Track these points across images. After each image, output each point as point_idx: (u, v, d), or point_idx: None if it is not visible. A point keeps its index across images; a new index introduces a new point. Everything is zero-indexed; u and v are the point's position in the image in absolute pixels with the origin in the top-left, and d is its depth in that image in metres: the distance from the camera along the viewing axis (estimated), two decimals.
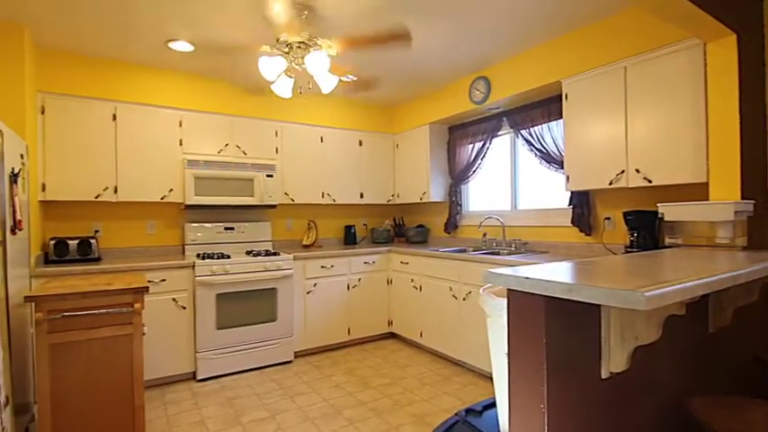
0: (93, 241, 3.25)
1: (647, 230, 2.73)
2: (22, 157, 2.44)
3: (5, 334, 1.80)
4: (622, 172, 2.69)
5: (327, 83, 2.46)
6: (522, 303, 1.24)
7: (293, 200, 4.09)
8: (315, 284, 3.82)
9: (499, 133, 3.86)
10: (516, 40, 3.11)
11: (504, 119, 3.74)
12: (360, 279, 4.08)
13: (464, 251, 3.87)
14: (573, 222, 3.22)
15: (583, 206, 3.16)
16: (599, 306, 1.34)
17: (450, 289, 3.47)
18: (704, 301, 1.79)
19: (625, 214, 2.80)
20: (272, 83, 2.68)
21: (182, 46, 3.06)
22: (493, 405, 1.96)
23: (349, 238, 4.61)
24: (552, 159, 3.32)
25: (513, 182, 3.82)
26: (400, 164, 4.70)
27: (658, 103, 2.49)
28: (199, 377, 3.25)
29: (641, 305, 0.97)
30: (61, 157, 3.12)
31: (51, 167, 3.09)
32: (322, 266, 3.86)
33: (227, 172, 3.65)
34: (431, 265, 3.69)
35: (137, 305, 2.12)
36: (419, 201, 4.39)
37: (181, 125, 3.56)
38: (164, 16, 2.64)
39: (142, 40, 2.97)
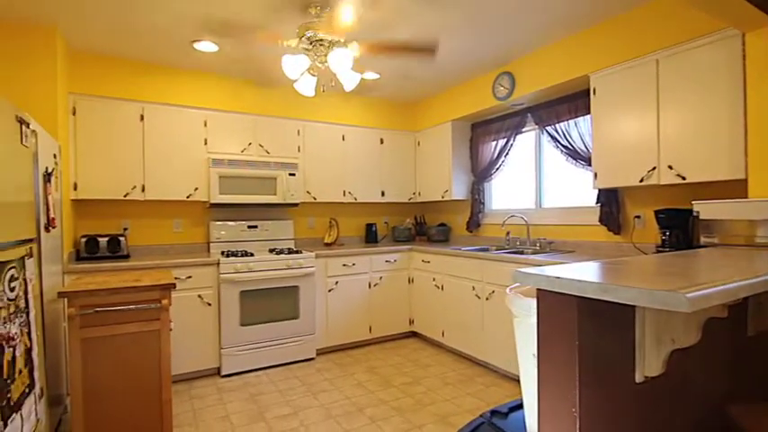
0: (122, 239, 3.34)
1: (679, 229, 2.63)
2: (55, 156, 2.52)
3: (40, 328, 1.86)
4: (654, 169, 2.59)
5: (350, 80, 2.45)
6: (552, 304, 1.21)
7: (315, 198, 4.11)
8: (336, 282, 3.83)
9: (523, 130, 3.78)
10: (541, 34, 3.04)
11: (529, 115, 3.67)
12: (381, 277, 4.07)
13: (487, 250, 3.82)
14: (601, 221, 3.13)
15: (611, 204, 3.07)
16: (633, 307, 1.29)
17: (473, 288, 3.42)
18: (744, 304, 1.71)
19: (656, 212, 2.70)
20: (295, 81, 2.69)
21: (206, 46, 3.10)
22: (519, 407, 1.92)
23: (370, 237, 4.61)
24: (579, 156, 3.23)
25: (538, 179, 3.74)
26: (422, 162, 4.66)
27: (692, 96, 2.39)
28: (223, 373, 3.30)
29: (683, 307, 0.92)
30: (92, 157, 3.21)
31: (82, 167, 3.18)
32: (343, 265, 3.87)
33: (250, 171, 3.70)
34: (453, 264, 3.65)
35: (164, 301, 2.16)
36: (441, 199, 4.35)
37: (206, 125, 3.62)
38: (189, 16, 2.68)
39: (168, 41, 3.03)
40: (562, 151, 3.37)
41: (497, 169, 4.02)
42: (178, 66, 3.52)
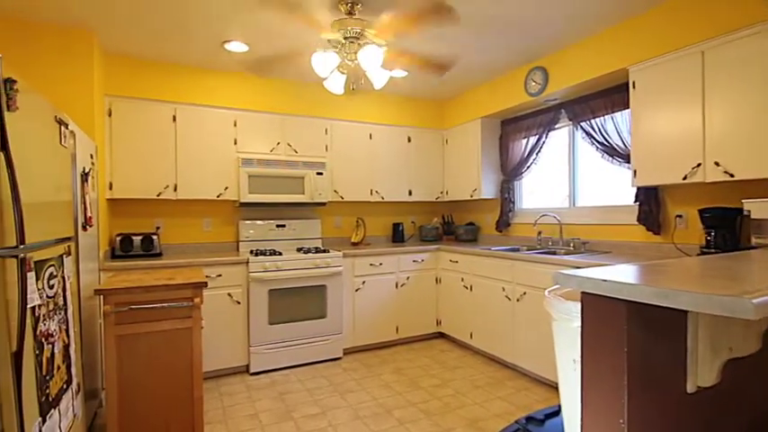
0: (154, 237, 3.42)
1: (726, 229, 2.47)
2: (91, 157, 2.59)
3: (77, 325, 1.91)
4: (698, 165, 2.45)
5: (379, 78, 2.41)
6: (598, 308, 1.14)
7: (342, 197, 4.10)
8: (363, 282, 3.81)
9: (556, 126, 3.66)
10: (576, 27, 2.93)
11: (562, 111, 3.54)
12: (408, 277, 4.02)
13: (517, 250, 3.72)
14: (639, 220, 2.99)
15: (651, 203, 2.92)
16: (685, 313, 1.20)
17: (503, 289, 3.33)
18: None
19: (701, 211, 2.55)
20: (325, 79, 2.68)
21: (237, 46, 3.13)
22: (555, 414, 1.84)
23: (397, 236, 4.57)
24: (616, 153, 3.10)
25: (572, 177, 3.61)
26: (450, 160, 4.59)
27: (742, 89, 2.24)
28: (252, 371, 3.33)
29: (749, 314, 0.84)
30: (126, 158, 3.30)
31: (117, 167, 3.27)
32: (371, 264, 3.84)
33: (278, 170, 3.72)
34: (482, 265, 3.56)
35: (196, 300, 2.18)
36: (469, 198, 4.27)
37: (235, 125, 3.67)
38: (220, 18, 2.71)
39: (200, 42, 3.08)
40: (598, 148, 3.24)
41: (528, 167, 3.90)
42: (209, 67, 3.57)
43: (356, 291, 3.79)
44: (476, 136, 4.17)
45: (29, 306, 1.23)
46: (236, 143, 3.67)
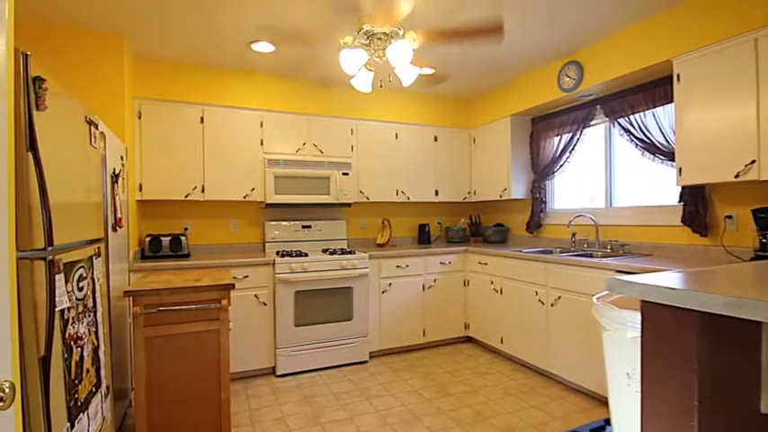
0: (183, 238, 3.43)
1: None
2: (122, 158, 2.60)
3: (107, 326, 1.90)
4: (752, 162, 2.27)
5: (408, 75, 2.34)
6: (663, 319, 1.02)
7: (368, 198, 4.04)
8: (390, 284, 3.74)
9: (591, 123, 3.50)
10: (614, 18, 2.77)
11: (598, 106, 3.38)
12: (435, 280, 3.93)
13: (550, 252, 3.57)
14: (684, 221, 2.80)
15: (697, 203, 2.74)
16: (759, 324, 1.08)
17: (536, 293, 3.20)
18: None
19: (755, 212, 2.37)
20: (352, 77, 2.62)
21: (263, 47, 3.11)
22: (601, 429, 1.72)
23: (423, 238, 4.48)
24: (658, 150, 2.92)
25: (608, 176, 3.44)
26: (477, 159, 4.47)
27: None
28: (278, 373, 3.30)
29: None
30: (155, 159, 3.32)
31: (147, 169, 3.30)
32: (397, 266, 3.76)
33: (304, 170, 3.69)
34: (513, 267, 3.43)
35: (224, 302, 2.15)
36: (498, 198, 4.14)
37: (261, 125, 3.66)
38: (247, 18, 2.69)
39: (227, 43, 3.07)
40: (637, 145, 3.06)
41: (561, 166, 3.75)
42: (236, 68, 3.58)
43: (382, 293, 3.71)
44: (505, 134, 4.03)
45: (57, 309, 1.21)
46: (262, 144, 3.66)
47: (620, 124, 3.18)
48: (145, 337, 2.05)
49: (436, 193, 4.36)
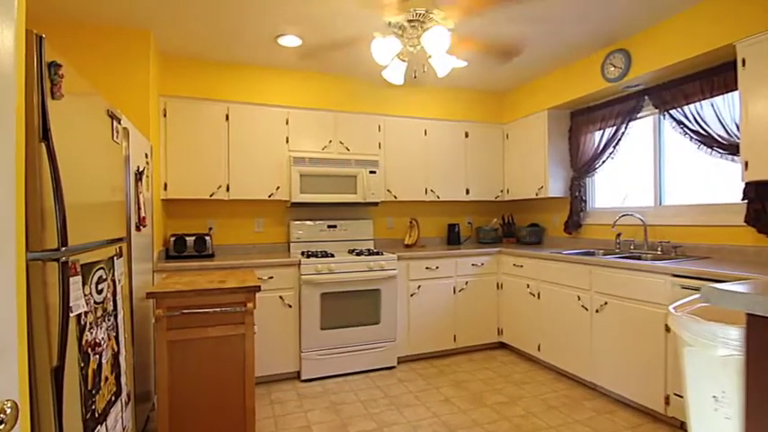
0: (207, 238, 3.36)
1: None
2: (146, 156, 2.54)
3: (129, 330, 1.81)
4: None
5: (444, 64, 2.17)
6: None
7: (396, 197, 3.89)
8: (419, 287, 3.58)
9: (638, 115, 3.24)
10: (666, 1, 2.54)
11: (646, 97, 3.13)
12: (467, 282, 3.74)
13: (593, 254, 3.34)
14: (748, 221, 2.54)
15: (764, 200, 2.47)
16: None
17: (579, 298, 2.97)
18: None
19: None
20: (384, 68, 2.48)
21: (290, 41, 3.01)
22: None
23: (452, 238, 4.30)
24: (716, 143, 2.66)
25: (658, 172, 3.18)
26: (511, 156, 4.25)
27: None
28: (303, 377, 3.19)
29: None
30: (180, 158, 3.27)
31: (172, 168, 3.24)
32: (426, 267, 3.60)
33: (330, 169, 3.57)
34: (552, 270, 3.22)
35: (249, 305, 2.04)
36: (534, 197, 3.91)
37: (287, 123, 3.56)
38: (273, 12, 2.59)
39: (253, 37, 2.98)
40: (692, 138, 2.81)
41: (603, 162, 3.50)
42: (261, 64, 3.49)
43: (411, 296, 3.56)
44: (542, 129, 3.81)
45: (73, 314, 1.11)
46: (287, 142, 3.56)
47: (671, 116, 2.93)
48: (168, 341, 1.96)
49: (467, 192, 4.17)
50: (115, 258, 1.55)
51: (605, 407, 2.71)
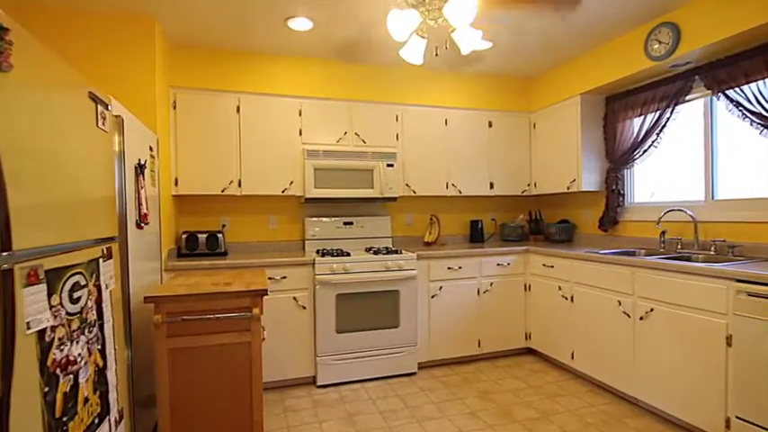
0: (219, 236, 3.21)
1: None
2: (151, 149, 2.38)
3: (122, 337, 1.65)
4: None
5: (469, 39, 1.93)
6: None
7: (415, 192, 3.65)
8: (440, 288, 3.34)
9: (687, 98, 2.91)
10: None
11: (696, 77, 2.80)
12: (492, 283, 3.48)
13: (633, 254, 3.04)
14: None
15: None
16: None
17: (619, 303, 2.69)
18: None
19: None
20: (401, 47, 2.24)
21: (301, 24, 2.81)
22: None
23: (475, 235, 4.04)
24: None
25: (710, 162, 2.84)
26: (539, 147, 3.95)
27: None
28: (318, 383, 3.01)
29: None
30: (191, 152, 3.12)
31: (183, 162, 3.10)
32: (448, 267, 3.36)
33: (346, 162, 3.36)
34: (587, 271, 2.94)
35: (255, 310, 1.86)
36: (565, 191, 3.61)
37: (300, 114, 3.37)
38: None
39: (262, 21, 2.79)
40: (753, 122, 2.47)
41: (645, 152, 3.18)
42: (272, 51, 3.30)
43: (432, 297, 3.33)
44: (574, 117, 3.50)
45: (31, 331, 0.93)
46: (300, 134, 3.37)
47: (728, 97, 2.60)
48: (168, 349, 1.80)
49: (491, 186, 3.90)
50: (101, 261, 1.38)
51: (651, 426, 2.43)
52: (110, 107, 1.57)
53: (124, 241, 1.71)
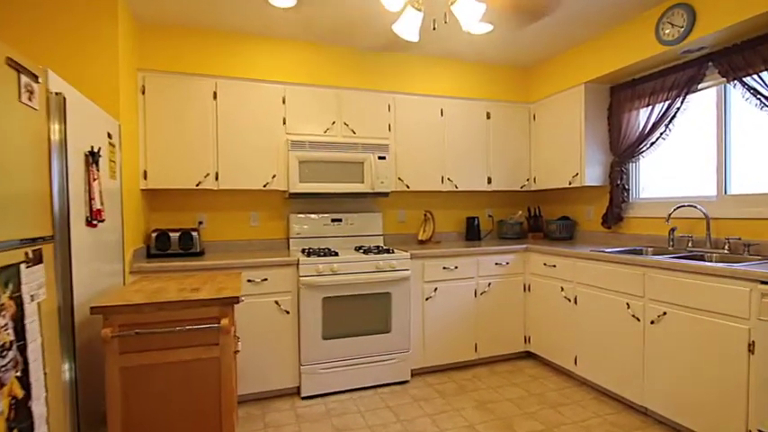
0: (194, 234, 2.94)
1: None
2: (109, 136, 2.11)
3: (58, 357, 1.39)
4: None
5: (471, 12, 1.69)
6: None
7: (408, 186, 3.41)
8: (435, 289, 3.12)
9: (699, 86, 2.72)
10: None
11: (710, 64, 2.60)
12: (489, 284, 3.27)
13: (640, 252, 2.85)
14: None
15: None
16: None
17: (628, 306, 2.49)
18: None
19: None
20: (395, 20, 2.00)
21: (283, 0, 2.54)
22: None
23: (471, 233, 3.82)
24: None
25: (723, 155, 2.65)
26: (539, 140, 3.74)
27: None
28: (303, 394, 2.77)
29: None
30: (162, 142, 2.84)
31: (153, 153, 2.82)
32: (444, 267, 3.13)
33: (334, 154, 3.11)
34: (592, 271, 2.73)
35: (224, 321, 1.60)
36: (567, 186, 3.41)
37: (284, 101, 3.10)
38: None
39: None
40: None
41: (652, 144, 2.98)
42: (253, 32, 3.03)
43: (426, 300, 3.10)
44: (577, 107, 3.29)
45: None
46: (284, 123, 3.11)
47: (745, 85, 2.40)
48: (120, 368, 1.54)
49: (489, 181, 3.68)
50: (23, 267, 1.12)
51: None
52: (40, 80, 1.30)
53: (65, 242, 1.45)
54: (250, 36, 3.06)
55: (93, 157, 1.80)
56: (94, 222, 1.80)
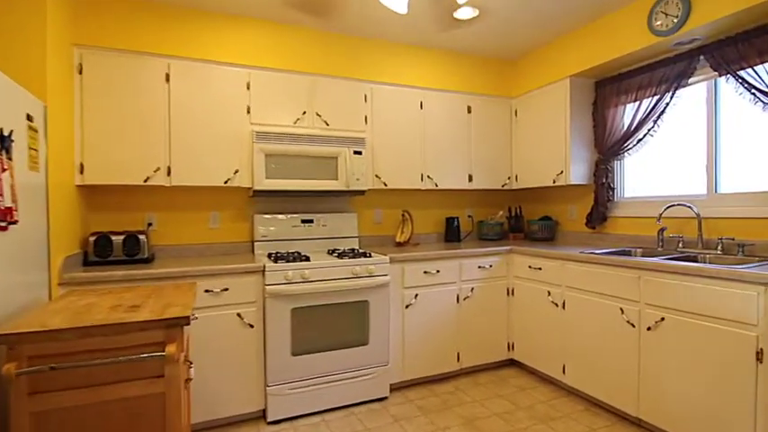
0: (142, 237, 2.56)
1: None
2: (30, 119, 1.72)
3: None
4: None
5: None
6: None
7: (386, 184, 3.16)
8: (416, 296, 2.88)
9: (689, 81, 2.61)
10: None
11: (701, 57, 2.50)
12: (472, 289, 3.06)
13: (629, 254, 2.72)
14: None
15: None
16: None
17: (622, 311, 2.34)
18: None
19: None
20: None
21: None
22: None
23: (451, 234, 3.61)
24: None
25: (713, 152, 2.55)
26: (520, 136, 3.58)
27: None
28: (269, 419, 2.45)
29: None
30: (103, 129, 2.44)
31: (91, 142, 2.42)
32: (425, 272, 2.90)
33: (305, 147, 2.81)
34: (582, 274, 2.57)
35: (169, 348, 1.28)
36: (551, 184, 3.25)
37: (248, 87, 2.77)
38: None
39: None
40: (767, 106, 2.19)
41: (639, 141, 2.87)
42: (214, 7, 2.68)
43: (406, 307, 2.85)
44: (562, 102, 3.14)
45: None
46: (248, 112, 2.77)
47: (739, 79, 2.30)
48: (31, 414, 1.19)
49: (470, 179, 3.48)
50: None
51: None
52: None
53: None
54: (210, 12, 2.70)
55: (3, 142, 1.43)
56: (4, 224, 1.43)
